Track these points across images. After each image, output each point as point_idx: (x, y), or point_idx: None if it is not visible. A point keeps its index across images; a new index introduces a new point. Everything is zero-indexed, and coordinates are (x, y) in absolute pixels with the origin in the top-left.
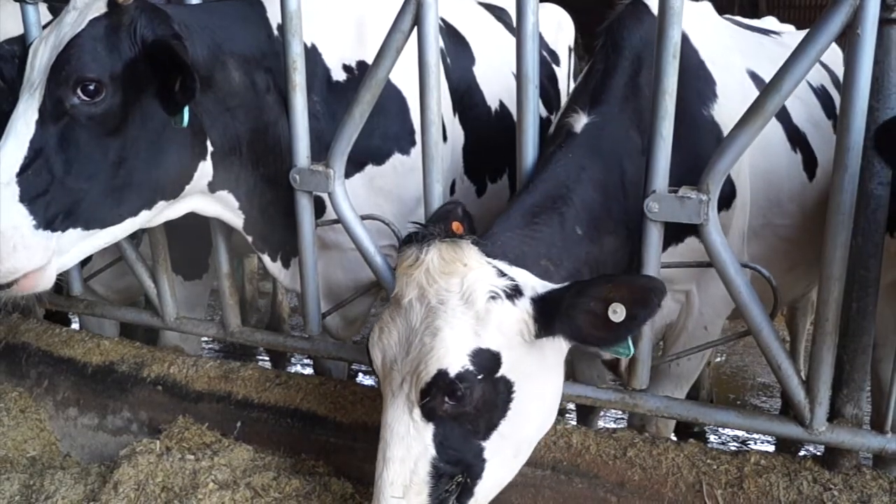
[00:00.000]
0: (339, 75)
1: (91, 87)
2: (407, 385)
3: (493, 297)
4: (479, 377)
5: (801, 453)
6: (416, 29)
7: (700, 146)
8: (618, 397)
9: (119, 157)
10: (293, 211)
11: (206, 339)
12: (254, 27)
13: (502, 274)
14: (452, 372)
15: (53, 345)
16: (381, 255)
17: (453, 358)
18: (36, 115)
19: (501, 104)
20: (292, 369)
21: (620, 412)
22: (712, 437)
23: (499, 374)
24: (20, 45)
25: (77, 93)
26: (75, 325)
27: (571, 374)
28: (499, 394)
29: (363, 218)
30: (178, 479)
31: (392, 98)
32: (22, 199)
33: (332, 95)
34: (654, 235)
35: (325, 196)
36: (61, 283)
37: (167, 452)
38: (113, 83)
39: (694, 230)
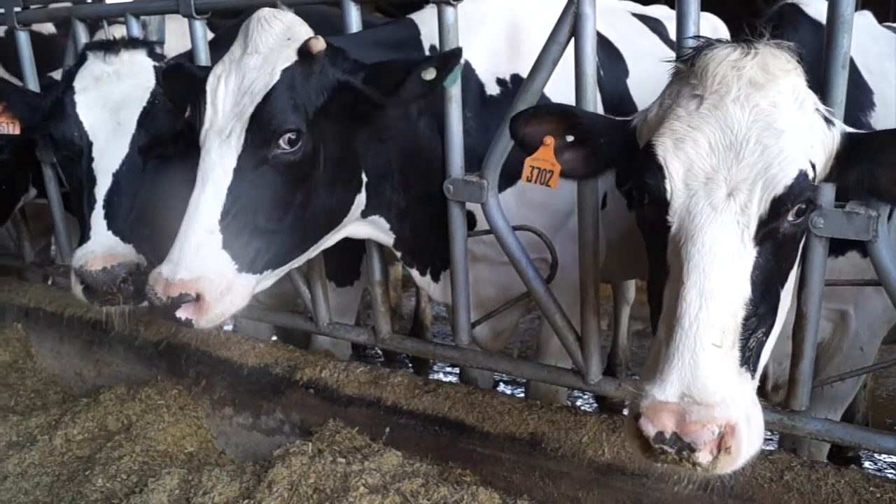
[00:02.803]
0: (492, 89)
1: (293, 137)
2: (744, 196)
3: (817, 110)
4: (816, 196)
5: None
6: (573, 40)
7: None
8: (776, 418)
9: (305, 199)
10: (442, 228)
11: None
12: (408, 54)
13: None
14: (809, 175)
15: (211, 345)
16: (533, 266)
17: (804, 160)
18: (234, 164)
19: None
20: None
21: (769, 434)
22: (867, 464)
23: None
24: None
25: (279, 144)
26: (227, 328)
27: None
28: (804, 231)
29: (515, 229)
30: (330, 482)
31: None
32: (225, 246)
33: (486, 110)
34: (819, 251)
35: (474, 210)
36: None
37: (319, 454)
38: (308, 130)
39: (857, 244)
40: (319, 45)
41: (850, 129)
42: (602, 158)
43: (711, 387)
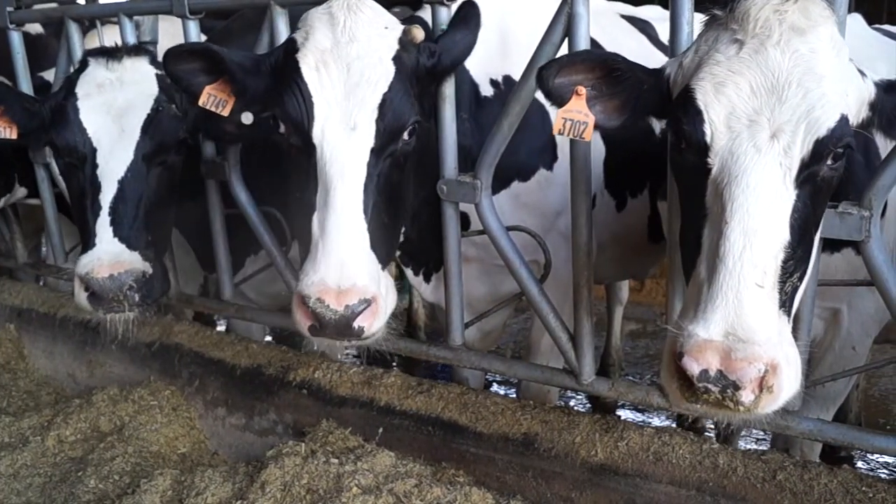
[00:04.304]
0: (486, 90)
1: (413, 128)
2: (787, 138)
3: (851, 59)
4: (854, 142)
5: None
6: (566, 41)
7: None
8: (769, 418)
9: (406, 191)
10: (439, 229)
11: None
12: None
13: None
14: (853, 121)
15: (204, 346)
16: (527, 266)
17: (843, 105)
18: (367, 158)
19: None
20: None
21: (761, 434)
22: (860, 464)
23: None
24: None
25: (404, 136)
26: (220, 328)
27: None
28: (840, 177)
29: (508, 229)
30: (323, 482)
31: (534, 112)
32: (372, 246)
33: (481, 111)
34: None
35: (467, 211)
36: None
37: (312, 455)
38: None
39: (852, 243)
40: (421, 34)
41: (878, 79)
42: (635, 107)
43: (756, 325)
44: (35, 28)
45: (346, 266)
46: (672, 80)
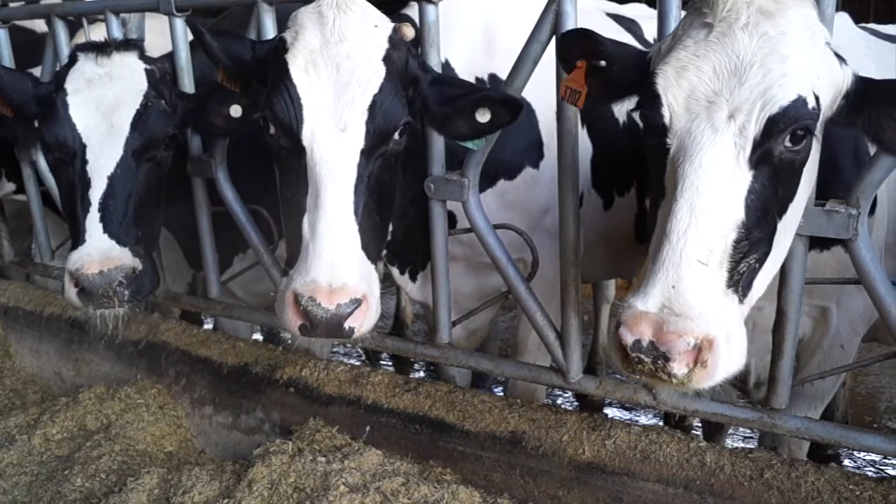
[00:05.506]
0: None
1: (403, 129)
2: (743, 117)
3: (827, 44)
4: (814, 125)
5: None
6: (553, 39)
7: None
8: (755, 416)
9: (394, 192)
10: (426, 228)
11: None
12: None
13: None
14: (810, 102)
15: (191, 344)
16: (514, 264)
17: (807, 87)
18: (357, 158)
19: (629, 116)
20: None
21: (749, 432)
22: (847, 462)
23: (812, 137)
24: (170, 63)
25: (395, 136)
26: (207, 326)
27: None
28: (805, 161)
29: (496, 227)
30: (310, 481)
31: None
32: (363, 246)
33: None
34: (799, 250)
35: (454, 210)
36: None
37: (299, 454)
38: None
39: (840, 241)
40: (411, 32)
41: (863, 74)
42: (619, 86)
43: (692, 300)
44: (41, 27)
45: (338, 266)
46: (653, 64)
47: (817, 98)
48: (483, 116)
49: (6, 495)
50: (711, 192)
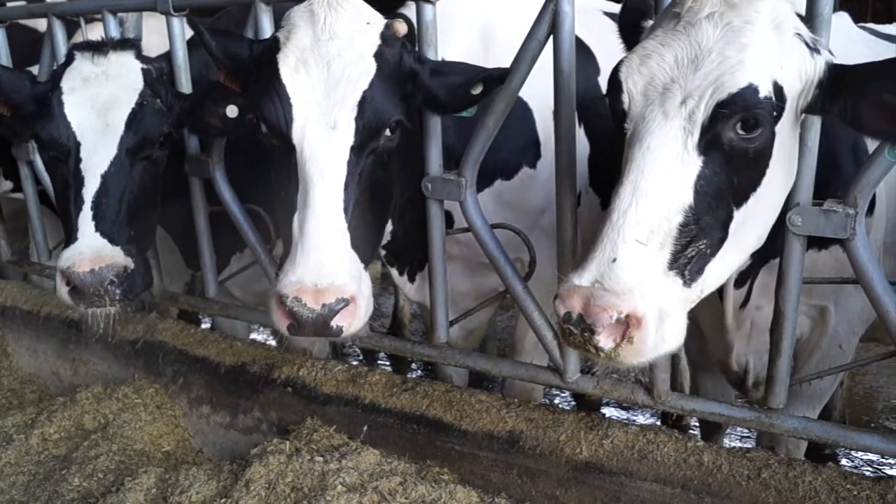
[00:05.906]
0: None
1: (394, 126)
2: (693, 103)
3: (798, 35)
4: (772, 115)
5: None
6: (551, 38)
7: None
8: (753, 416)
9: (390, 189)
10: (424, 227)
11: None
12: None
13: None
14: (762, 91)
15: (189, 344)
16: (511, 264)
17: (763, 76)
18: (346, 156)
19: None
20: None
21: (746, 431)
22: (844, 462)
23: (777, 127)
24: (167, 63)
25: (386, 133)
26: (205, 326)
27: (695, 390)
28: (766, 151)
29: (493, 227)
30: (308, 480)
31: (518, 110)
32: (353, 245)
33: None
34: (797, 250)
35: (451, 209)
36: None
37: (297, 453)
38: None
39: (838, 240)
40: (404, 28)
41: (836, 61)
42: None
43: (623, 277)
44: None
45: (325, 265)
46: None
47: (780, 88)
48: (476, 89)
49: (4, 495)
50: (655, 175)
